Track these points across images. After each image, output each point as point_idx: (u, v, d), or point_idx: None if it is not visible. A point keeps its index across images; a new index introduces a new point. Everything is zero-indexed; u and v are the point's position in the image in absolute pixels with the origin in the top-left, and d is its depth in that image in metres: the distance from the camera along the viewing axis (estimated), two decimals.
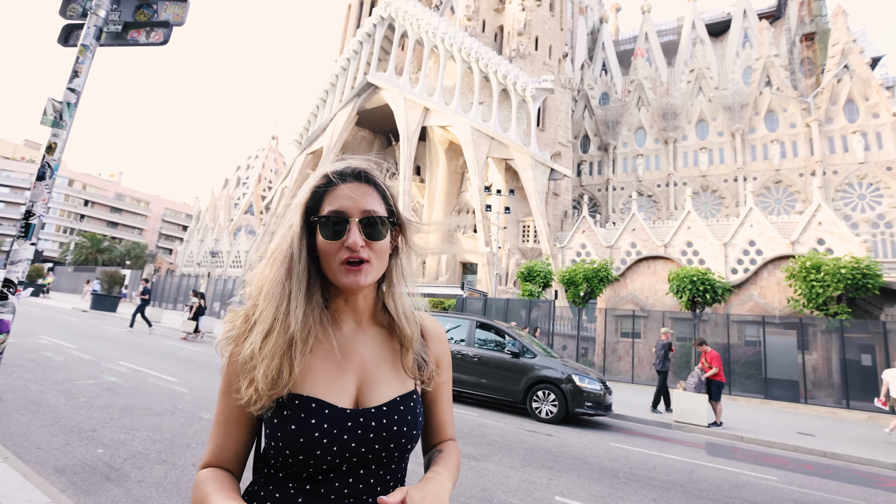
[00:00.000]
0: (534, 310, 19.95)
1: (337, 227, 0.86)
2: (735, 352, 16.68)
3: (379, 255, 0.89)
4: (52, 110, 2.70)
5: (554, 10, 44.08)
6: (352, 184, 0.89)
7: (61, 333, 12.83)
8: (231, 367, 0.88)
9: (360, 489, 0.86)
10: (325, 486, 0.84)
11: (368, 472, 0.87)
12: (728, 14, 54.31)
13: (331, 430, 0.83)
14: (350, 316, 0.95)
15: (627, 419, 9.86)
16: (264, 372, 0.82)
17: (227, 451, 0.88)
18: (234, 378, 0.87)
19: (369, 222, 0.87)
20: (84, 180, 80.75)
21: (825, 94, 38.91)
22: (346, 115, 45.49)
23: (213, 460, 0.88)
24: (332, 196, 0.88)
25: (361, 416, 0.86)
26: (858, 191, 36.98)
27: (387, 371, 0.93)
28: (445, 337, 1.06)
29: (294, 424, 0.82)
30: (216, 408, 0.91)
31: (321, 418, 0.83)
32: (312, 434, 0.82)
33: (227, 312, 0.96)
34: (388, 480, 0.90)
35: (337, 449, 0.82)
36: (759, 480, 5.98)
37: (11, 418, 5.05)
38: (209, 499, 0.79)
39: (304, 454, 0.81)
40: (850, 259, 15.88)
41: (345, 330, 0.94)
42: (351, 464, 0.85)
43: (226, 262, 57.33)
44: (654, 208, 44.53)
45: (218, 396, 0.91)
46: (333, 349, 0.91)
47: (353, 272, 0.86)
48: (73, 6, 3.14)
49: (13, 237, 2.90)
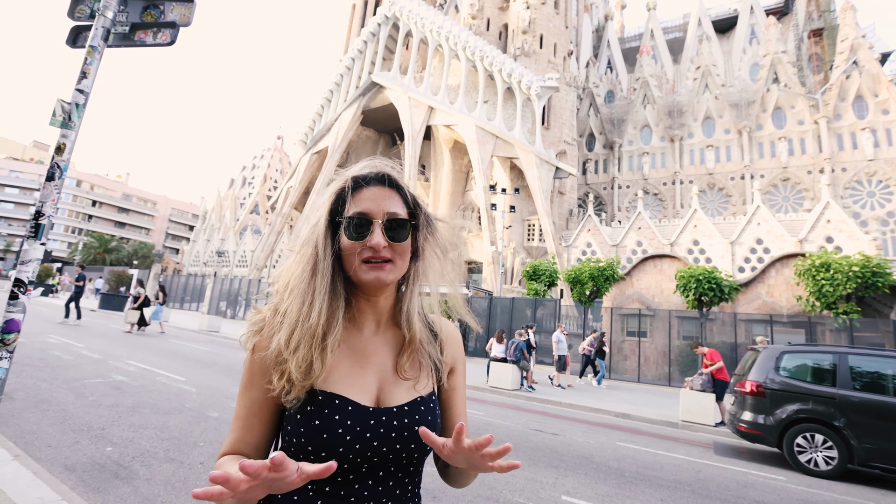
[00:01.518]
0: (539, 309, 19.91)
1: (361, 228, 0.89)
2: (743, 351, 16.55)
3: (401, 255, 0.92)
4: (61, 111, 2.72)
5: (559, 8, 43.87)
6: (376, 187, 0.93)
7: (70, 332, 12.96)
8: (257, 360, 0.90)
9: (378, 492, 0.87)
10: (344, 489, 0.85)
11: (387, 474, 0.88)
12: (734, 10, 53.83)
13: (354, 428, 0.85)
14: (371, 317, 0.97)
15: (633, 418, 9.81)
16: (297, 363, 0.85)
17: (246, 444, 0.90)
18: (260, 371, 0.89)
19: (392, 224, 0.90)
20: (92, 181, 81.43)
21: (834, 91, 38.48)
22: (350, 115, 45.55)
23: (233, 452, 0.90)
24: (356, 198, 0.91)
25: (383, 415, 0.88)
26: (868, 188, 36.55)
27: (408, 373, 0.96)
28: (461, 340, 1.08)
29: (318, 420, 0.84)
30: (237, 401, 0.92)
31: (345, 415, 0.85)
32: (336, 430, 0.84)
33: (252, 309, 0.98)
34: (407, 484, 0.91)
35: (359, 447, 0.84)
36: (768, 480, 5.94)
37: (22, 416, 5.10)
38: (228, 464, 0.83)
39: (326, 450, 0.83)
40: (861, 257, 15.70)
41: (366, 331, 0.96)
42: (371, 464, 0.86)
43: (232, 262, 57.63)
44: (660, 207, 44.25)
45: (239, 390, 0.93)
46: (355, 349, 0.93)
47: (374, 269, 0.89)
48: (81, 8, 3.16)
49: (23, 237, 2.93)
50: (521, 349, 12.35)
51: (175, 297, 34.52)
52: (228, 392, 7.69)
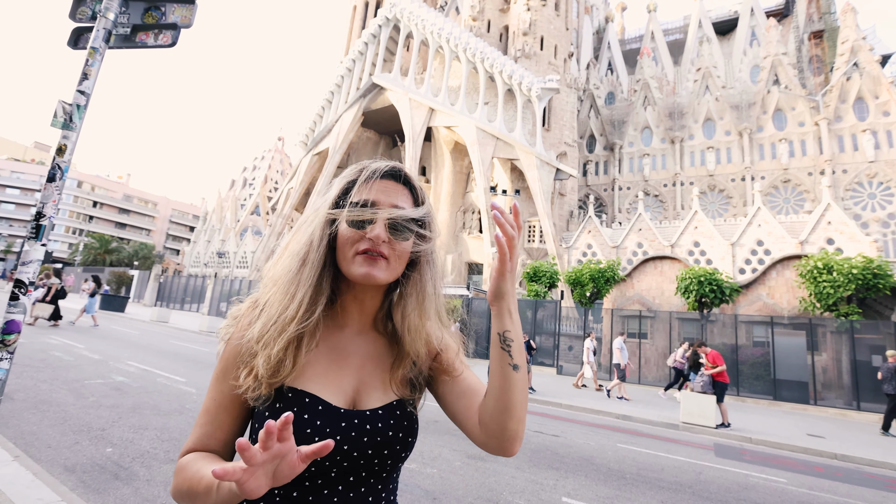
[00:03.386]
0: (540, 310, 19.89)
1: (363, 216, 0.84)
2: (743, 353, 16.53)
3: (398, 256, 0.86)
4: (63, 112, 2.73)
5: (559, 10, 43.93)
6: (387, 180, 0.88)
7: (70, 333, 12.96)
8: (230, 352, 0.86)
9: (349, 499, 0.82)
10: (313, 494, 0.80)
11: (359, 480, 0.83)
12: (735, 12, 53.88)
13: (323, 429, 0.80)
14: (356, 316, 0.92)
15: (634, 420, 9.80)
16: (266, 359, 0.80)
17: (215, 440, 0.84)
18: (233, 364, 0.85)
19: (397, 220, 0.85)
20: (93, 182, 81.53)
21: (834, 93, 38.48)
22: (351, 116, 45.60)
23: (199, 448, 0.84)
24: (365, 187, 0.86)
25: (356, 418, 0.83)
26: (868, 190, 36.52)
27: (385, 377, 0.91)
28: (457, 341, 0.99)
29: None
30: (206, 394, 0.87)
31: (314, 415, 0.80)
32: (304, 430, 0.79)
33: (233, 304, 0.95)
34: (380, 491, 0.86)
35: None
36: (769, 482, 5.92)
37: (22, 417, 5.10)
38: (203, 471, 0.74)
39: None
40: (862, 259, 15.69)
41: (347, 331, 0.92)
42: (341, 469, 0.81)
43: (232, 263, 57.64)
44: (661, 208, 44.23)
45: (210, 381, 0.87)
46: (335, 348, 0.89)
47: (367, 263, 0.83)
48: (83, 9, 3.17)
49: (24, 238, 2.93)
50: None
51: (176, 298, 34.53)
52: None
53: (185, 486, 0.76)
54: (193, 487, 0.74)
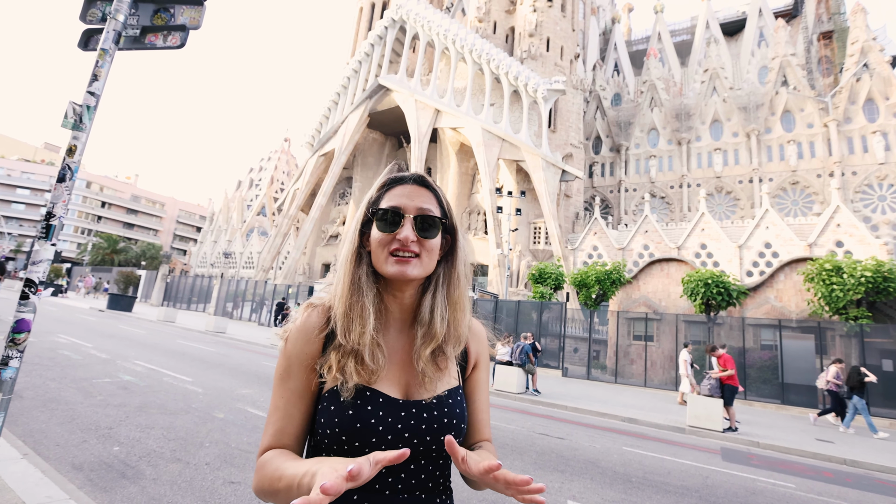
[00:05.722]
0: (545, 312, 19.81)
1: (392, 220, 0.93)
2: (751, 356, 16.37)
3: (429, 253, 0.95)
4: (73, 113, 2.75)
5: (565, 11, 43.84)
6: (412, 186, 0.98)
7: (79, 332, 13.08)
8: (295, 351, 0.93)
9: (412, 484, 0.90)
10: (378, 481, 0.87)
11: (419, 467, 0.91)
12: (743, 13, 53.52)
13: (385, 419, 0.88)
14: (397, 313, 1.00)
15: (640, 423, 9.73)
16: (371, 355, 0.90)
17: (287, 434, 0.91)
18: (297, 362, 0.92)
19: (423, 220, 0.94)
20: (101, 182, 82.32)
21: (844, 94, 38.10)
22: (357, 117, 45.74)
23: (275, 444, 0.90)
24: (391, 194, 0.97)
25: (413, 408, 0.91)
26: (879, 192, 36.11)
27: (431, 368, 0.97)
28: (486, 337, 1.12)
29: (351, 410, 0.87)
30: (273, 392, 0.95)
31: (377, 406, 0.89)
32: (369, 420, 0.87)
33: (304, 304, 1.02)
34: (438, 477, 0.94)
35: (391, 438, 0.87)
36: (777, 487, 5.86)
37: (31, 415, 5.15)
38: (285, 466, 0.81)
39: (359, 440, 0.86)
40: (872, 262, 15.50)
41: (391, 328, 0.99)
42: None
43: (238, 263, 57.98)
44: (667, 210, 43.97)
45: (275, 381, 0.95)
46: (384, 344, 0.96)
47: (400, 262, 0.92)
48: (93, 11, 3.20)
49: (34, 238, 2.96)
50: (526, 352, 12.31)
51: (182, 298, 34.74)
52: (235, 393, 7.72)
53: (266, 482, 0.83)
54: (274, 484, 0.81)
